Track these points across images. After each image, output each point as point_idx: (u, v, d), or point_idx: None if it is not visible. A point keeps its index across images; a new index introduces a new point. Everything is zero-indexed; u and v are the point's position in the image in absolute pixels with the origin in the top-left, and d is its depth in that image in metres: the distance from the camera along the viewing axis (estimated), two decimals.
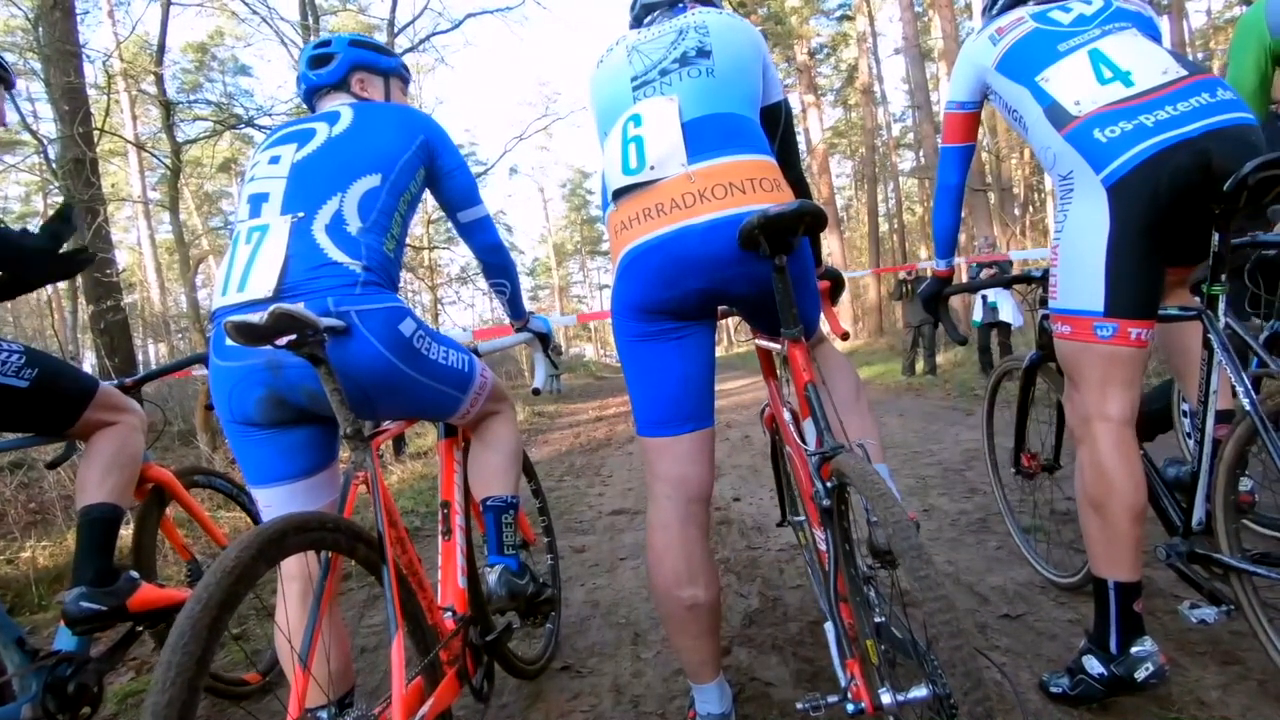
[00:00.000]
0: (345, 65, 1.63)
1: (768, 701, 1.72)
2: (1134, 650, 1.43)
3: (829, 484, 1.20)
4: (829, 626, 1.30)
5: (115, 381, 1.97)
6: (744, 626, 2.17)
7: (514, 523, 1.61)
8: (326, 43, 1.66)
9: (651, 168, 1.33)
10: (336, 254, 1.34)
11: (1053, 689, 1.53)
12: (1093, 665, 1.47)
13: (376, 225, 1.41)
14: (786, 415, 1.60)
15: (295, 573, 1.35)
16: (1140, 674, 1.41)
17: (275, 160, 1.45)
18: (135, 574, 1.66)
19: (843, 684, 1.19)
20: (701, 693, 1.47)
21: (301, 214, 1.36)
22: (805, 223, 1.18)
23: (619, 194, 1.39)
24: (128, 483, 1.71)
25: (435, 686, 1.29)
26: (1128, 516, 1.46)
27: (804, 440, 1.42)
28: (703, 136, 1.34)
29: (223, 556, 0.91)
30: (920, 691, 1.02)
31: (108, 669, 1.65)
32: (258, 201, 1.41)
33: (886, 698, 1.07)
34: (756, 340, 1.79)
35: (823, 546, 1.29)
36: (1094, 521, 1.50)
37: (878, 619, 1.22)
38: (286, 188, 1.40)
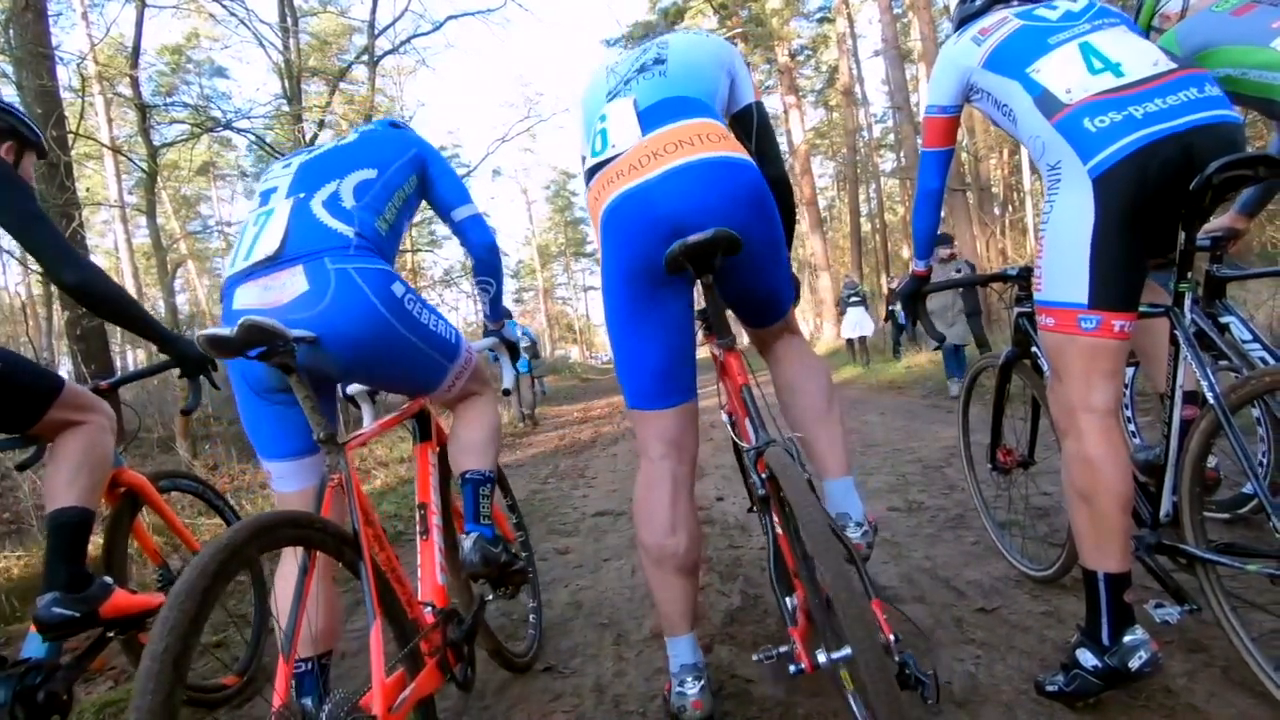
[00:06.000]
0: None
1: (747, 698, 1.73)
2: (1126, 640, 1.42)
3: (764, 475, 1.36)
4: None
5: (90, 384, 1.92)
6: (725, 624, 2.18)
7: (490, 495, 1.69)
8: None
9: (614, 146, 1.55)
10: (332, 222, 1.47)
11: (1049, 688, 1.51)
12: (1087, 658, 1.46)
13: (369, 206, 1.54)
14: (723, 416, 1.79)
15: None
16: (1134, 663, 1.40)
17: (287, 165, 1.65)
18: (109, 579, 1.64)
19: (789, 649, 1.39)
20: (675, 645, 1.59)
21: (302, 194, 1.51)
22: (721, 248, 1.35)
23: (591, 173, 1.60)
24: (97, 484, 1.67)
25: (415, 676, 1.33)
26: (1116, 506, 1.45)
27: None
28: (654, 115, 1.55)
29: (218, 536, 0.98)
30: (845, 650, 1.16)
31: (77, 676, 1.62)
32: (267, 195, 1.57)
33: (821, 657, 1.24)
34: (709, 345, 1.79)
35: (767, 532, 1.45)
36: (1083, 513, 1.49)
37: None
38: (292, 181, 1.57)
